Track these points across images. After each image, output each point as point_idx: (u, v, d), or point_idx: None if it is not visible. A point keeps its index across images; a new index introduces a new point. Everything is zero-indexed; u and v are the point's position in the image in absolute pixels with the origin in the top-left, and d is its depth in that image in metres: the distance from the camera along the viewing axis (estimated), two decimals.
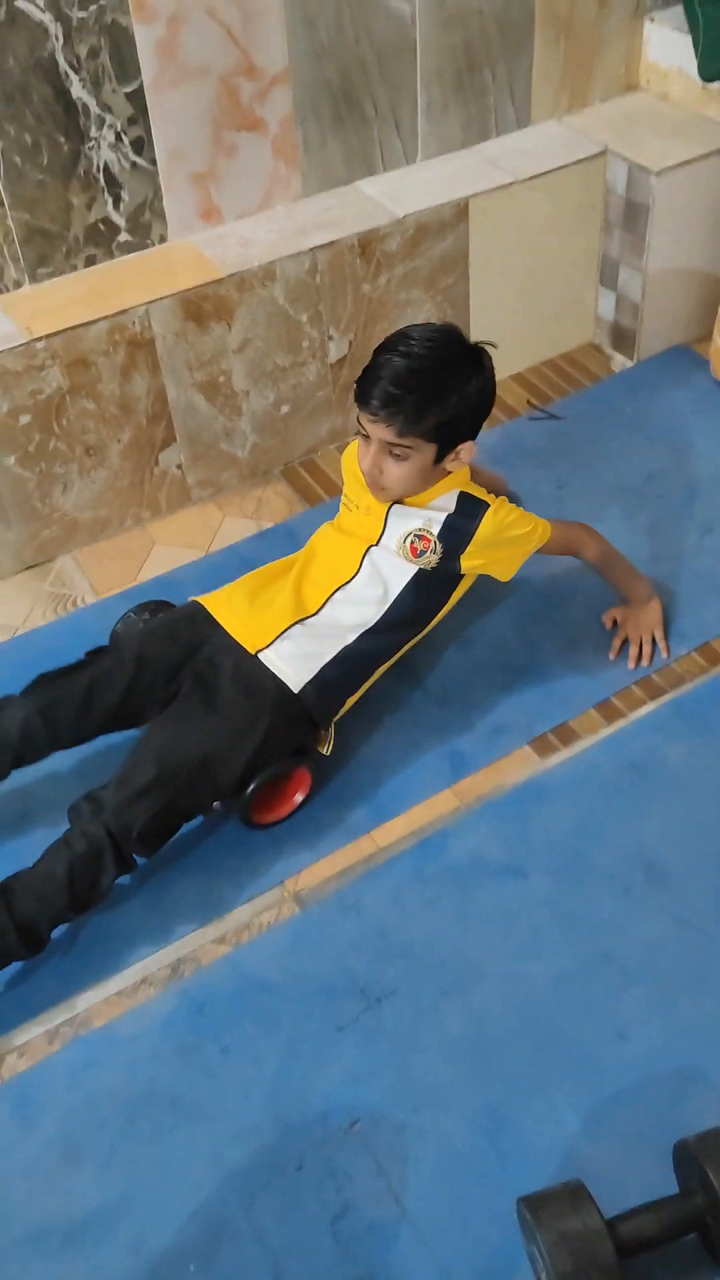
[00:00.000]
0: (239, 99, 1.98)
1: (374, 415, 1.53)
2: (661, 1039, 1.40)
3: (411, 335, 1.55)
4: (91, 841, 1.46)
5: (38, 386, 1.89)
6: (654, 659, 1.82)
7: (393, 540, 1.64)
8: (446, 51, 2.15)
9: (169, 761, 1.50)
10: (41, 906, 1.44)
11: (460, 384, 1.53)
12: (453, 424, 1.55)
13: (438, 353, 1.53)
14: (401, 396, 1.50)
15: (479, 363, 1.57)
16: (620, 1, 2.29)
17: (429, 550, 1.62)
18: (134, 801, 1.48)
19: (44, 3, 1.73)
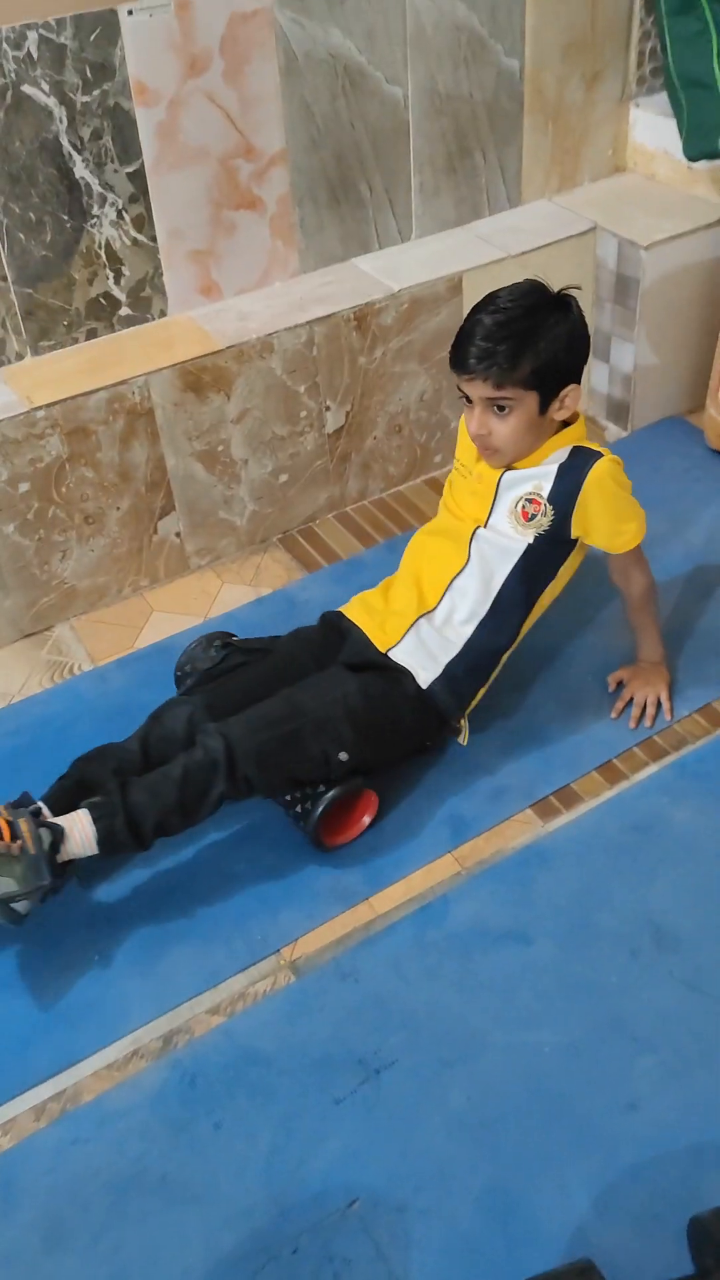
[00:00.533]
0: (237, 179, 2.04)
1: (470, 373, 1.56)
2: (675, 1111, 1.34)
3: (498, 294, 1.59)
4: (209, 751, 1.52)
5: (37, 455, 1.90)
6: (657, 721, 1.80)
7: (503, 510, 1.66)
8: (438, 136, 2.23)
9: (300, 703, 1.58)
10: (152, 799, 1.50)
11: (548, 328, 1.55)
12: (549, 368, 1.56)
13: (521, 302, 1.56)
14: (492, 349, 1.53)
15: (566, 307, 1.58)
16: (606, 88, 2.38)
17: (539, 513, 1.63)
18: (259, 728, 1.55)
19: (49, 87, 1.80)
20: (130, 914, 1.59)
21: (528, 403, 1.57)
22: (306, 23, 1.97)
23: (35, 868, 1.42)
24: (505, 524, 1.66)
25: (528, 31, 2.22)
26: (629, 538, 1.67)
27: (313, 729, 1.56)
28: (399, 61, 2.10)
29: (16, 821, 1.43)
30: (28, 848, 1.41)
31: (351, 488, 2.30)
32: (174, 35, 1.86)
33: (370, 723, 1.60)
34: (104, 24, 1.80)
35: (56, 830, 1.46)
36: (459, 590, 1.68)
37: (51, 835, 1.45)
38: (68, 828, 1.47)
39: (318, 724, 1.57)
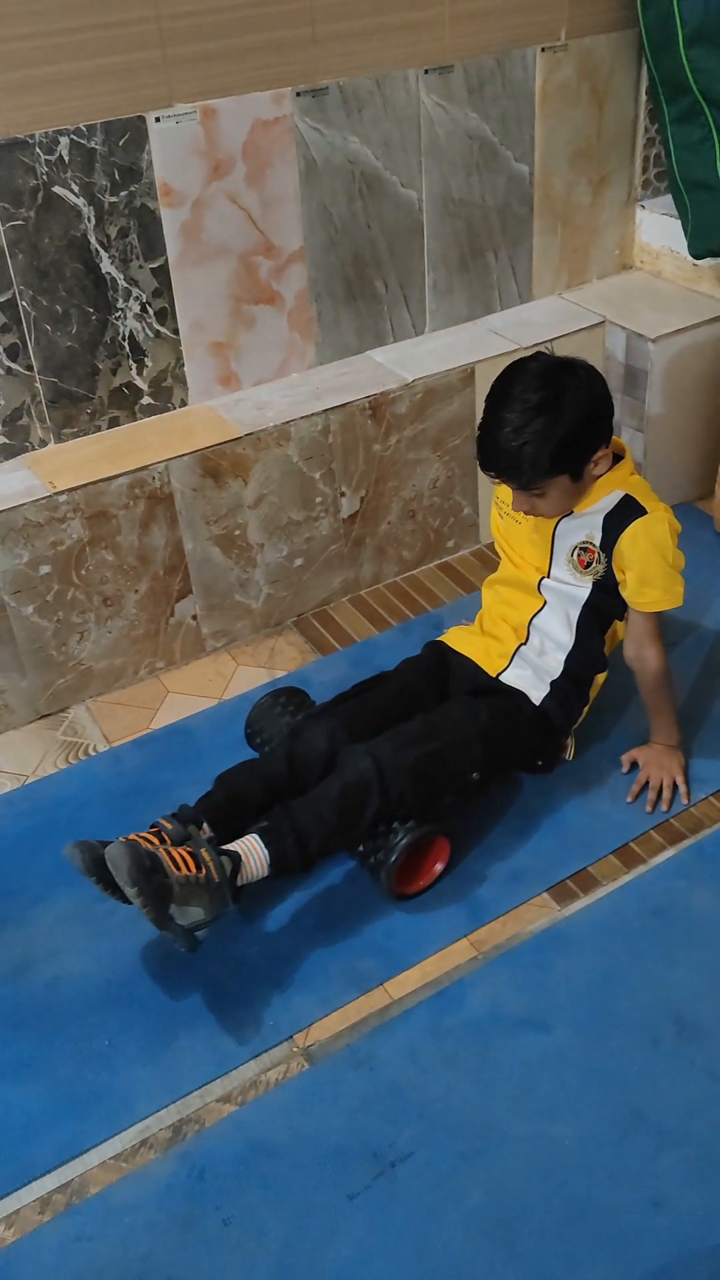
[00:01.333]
0: (257, 276, 2.11)
1: (496, 479, 1.64)
2: (701, 1209, 1.29)
3: (505, 389, 1.60)
4: (362, 772, 1.58)
5: (58, 538, 1.94)
6: (674, 803, 1.78)
7: (562, 560, 1.74)
8: (452, 236, 2.31)
9: (438, 724, 1.67)
10: (315, 821, 1.56)
11: (563, 419, 1.56)
12: (571, 451, 1.60)
13: (530, 400, 1.56)
14: (514, 459, 1.58)
15: (565, 385, 1.57)
16: (613, 191, 2.48)
17: (595, 561, 1.71)
18: (403, 746, 1.62)
19: (79, 188, 1.88)
20: (140, 999, 1.56)
21: (560, 482, 1.63)
22: (326, 130, 2.07)
23: (221, 895, 1.48)
24: (565, 573, 1.74)
25: (537, 140, 2.32)
26: (651, 601, 1.69)
27: (451, 748, 1.65)
28: (414, 167, 2.20)
29: (199, 851, 1.48)
30: (213, 876, 1.47)
31: (366, 572, 2.32)
32: (199, 141, 1.95)
33: (499, 740, 1.70)
34: (133, 130, 1.89)
35: (234, 857, 1.52)
36: (542, 627, 1.78)
37: (231, 863, 1.51)
38: (243, 854, 1.53)
39: (455, 744, 1.65)
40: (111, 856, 1.44)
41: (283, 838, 1.55)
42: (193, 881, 1.46)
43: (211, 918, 1.49)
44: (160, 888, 1.43)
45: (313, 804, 1.58)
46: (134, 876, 1.42)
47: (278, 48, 1.96)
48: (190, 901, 1.47)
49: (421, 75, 2.12)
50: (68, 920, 1.67)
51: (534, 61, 2.24)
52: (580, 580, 1.73)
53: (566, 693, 1.77)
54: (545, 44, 2.24)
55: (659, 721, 1.83)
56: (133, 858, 1.42)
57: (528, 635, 1.79)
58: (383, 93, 2.10)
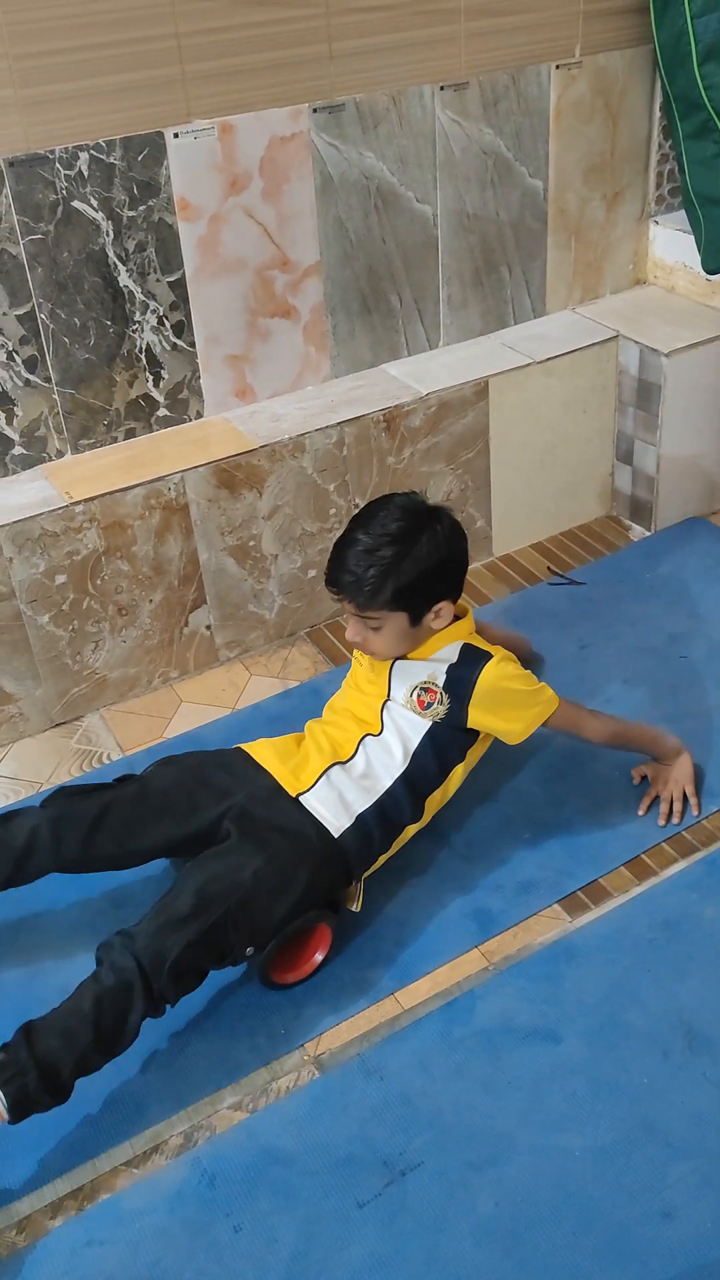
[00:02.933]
0: (273, 289, 2.13)
1: (334, 595, 1.61)
2: (712, 1221, 1.29)
3: (369, 514, 1.60)
4: (121, 974, 1.39)
5: (74, 548, 1.95)
6: (685, 815, 1.79)
7: (400, 695, 1.65)
8: (466, 251, 2.33)
9: (209, 894, 1.46)
10: (65, 1044, 1.34)
11: (407, 551, 1.56)
12: (414, 592, 1.57)
13: (385, 528, 1.57)
14: (357, 578, 1.56)
15: (426, 527, 1.58)
16: (627, 207, 2.49)
17: (436, 702, 1.63)
18: (169, 930, 1.42)
19: (98, 203, 1.90)
20: None
21: (397, 620, 1.59)
22: (342, 146, 2.09)
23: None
24: (404, 707, 1.65)
25: (551, 156, 2.34)
26: (533, 720, 1.66)
27: (224, 924, 1.45)
28: (429, 182, 2.22)
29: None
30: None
31: None
32: (216, 156, 1.97)
33: (282, 901, 1.50)
34: (151, 145, 1.91)
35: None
36: (374, 747, 1.64)
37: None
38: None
39: (228, 915, 1.45)
40: None
41: (24, 1074, 1.32)
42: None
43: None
44: None
45: (60, 1022, 1.36)
46: None
47: (295, 65, 1.98)
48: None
49: (437, 91, 2.15)
50: (80, 926, 1.68)
51: (549, 78, 2.26)
52: (420, 717, 1.64)
53: (370, 830, 1.60)
54: (560, 61, 2.26)
55: (644, 746, 1.82)
56: None
57: (354, 753, 1.64)
58: (398, 109, 2.12)
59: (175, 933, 1.42)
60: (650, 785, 1.83)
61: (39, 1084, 1.33)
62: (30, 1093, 1.33)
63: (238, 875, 1.49)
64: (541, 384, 2.33)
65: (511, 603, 2.32)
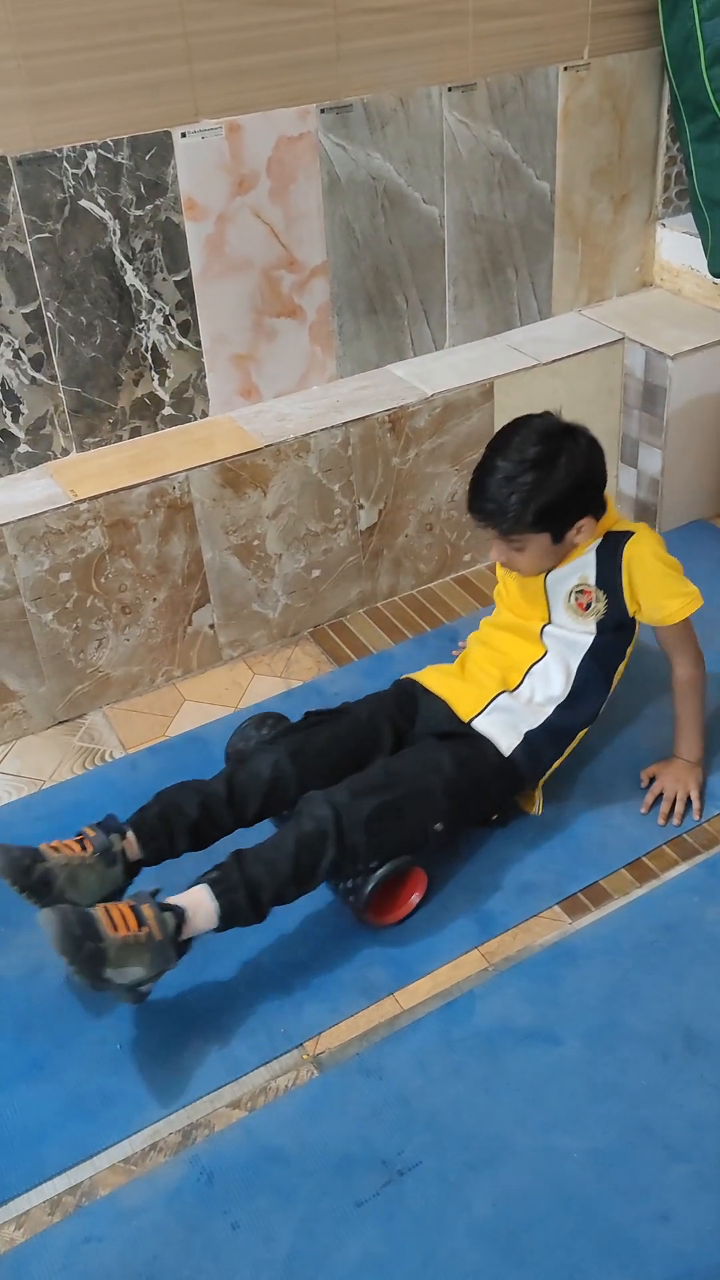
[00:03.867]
0: (279, 289, 2.14)
1: (480, 524, 1.65)
2: (709, 1223, 1.29)
3: (504, 440, 1.63)
4: (319, 822, 1.54)
5: (79, 546, 1.96)
6: (686, 819, 1.78)
7: (559, 605, 1.73)
8: (473, 253, 2.33)
9: (398, 772, 1.62)
10: (268, 872, 1.51)
11: (555, 479, 1.59)
12: (556, 512, 1.62)
13: (525, 453, 1.59)
14: (499, 506, 1.60)
15: (562, 448, 1.61)
16: (634, 209, 2.49)
17: (593, 601, 1.71)
18: (363, 795, 1.57)
19: (105, 202, 1.90)
20: (152, 1004, 1.57)
21: (540, 540, 1.64)
22: (349, 147, 2.09)
23: (162, 953, 1.44)
24: (566, 619, 1.73)
25: (558, 158, 2.34)
26: (672, 611, 1.70)
27: (412, 798, 1.60)
28: (436, 184, 2.22)
29: (140, 908, 1.45)
30: (154, 935, 1.43)
31: (383, 584, 2.34)
32: (224, 156, 1.97)
33: (462, 791, 1.65)
34: (159, 145, 1.91)
35: (179, 913, 1.47)
36: (539, 675, 1.75)
37: (175, 919, 1.46)
38: (190, 908, 1.49)
39: (416, 794, 1.61)
40: (42, 919, 1.41)
41: (233, 890, 1.50)
42: (131, 942, 1.41)
43: (152, 976, 1.44)
44: (92, 955, 1.39)
45: (266, 854, 1.53)
46: (64, 945, 1.38)
47: (303, 65, 1.99)
48: (128, 962, 1.41)
49: (445, 93, 2.15)
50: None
51: (556, 80, 2.26)
52: (583, 624, 1.72)
53: (539, 746, 1.72)
54: (568, 63, 2.26)
55: (683, 734, 1.83)
56: (62, 926, 1.39)
57: (520, 682, 1.75)
58: (406, 110, 2.12)
59: (368, 797, 1.58)
60: (655, 783, 1.83)
61: (247, 901, 1.50)
62: (238, 906, 1.50)
63: (423, 761, 1.65)
64: (547, 386, 2.33)
65: None
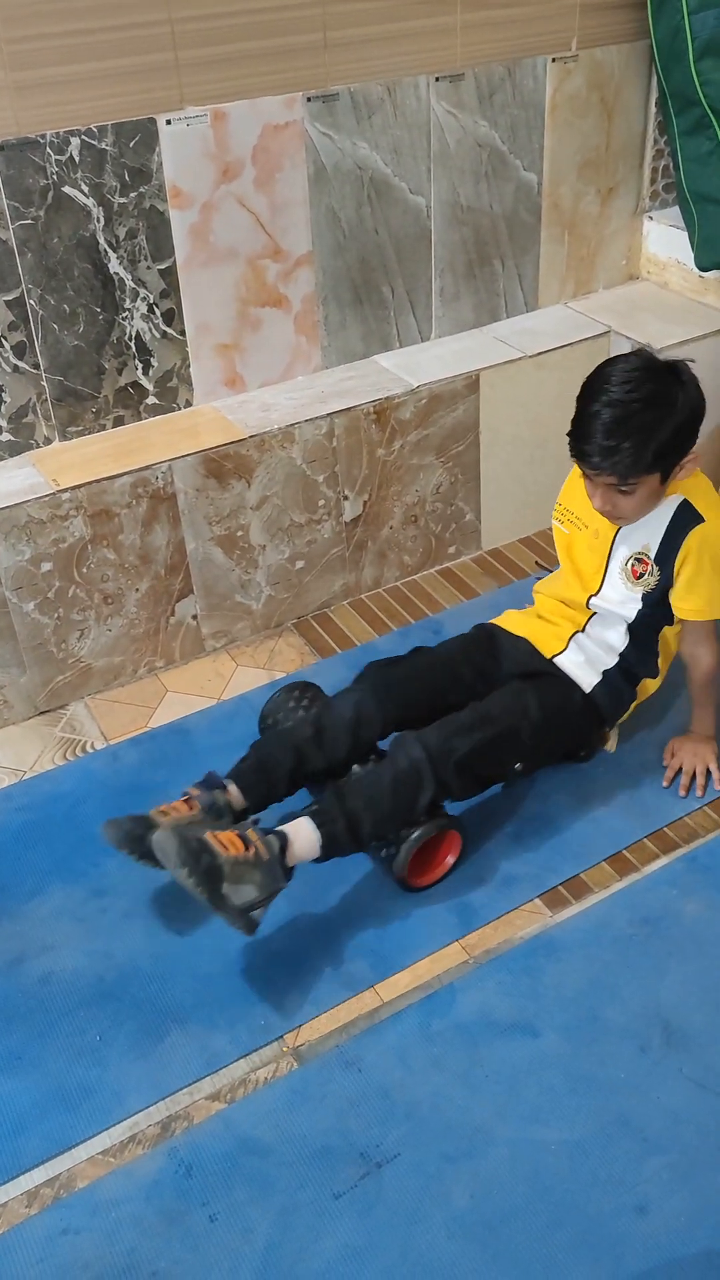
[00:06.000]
0: (265, 279, 2.12)
1: (595, 468, 1.60)
2: (685, 1215, 1.30)
3: (610, 379, 1.58)
4: (413, 761, 1.59)
5: (61, 535, 1.95)
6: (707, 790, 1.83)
7: (615, 571, 1.76)
8: (459, 244, 2.32)
9: (488, 714, 1.67)
10: (368, 806, 1.56)
11: (666, 414, 1.57)
12: (670, 451, 1.60)
13: (639, 391, 1.56)
14: (615, 447, 1.56)
15: (679, 382, 1.59)
16: (621, 202, 2.49)
17: (647, 573, 1.73)
18: (454, 735, 1.63)
19: (89, 189, 1.89)
20: (132, 995, 1.57)
21: (651, 482, 1.62)
22: (336, 136, 2.08)
23: (271, 872, 1.49)
24: (619, 585, 1.76)
25: (546, 150, 2.33)
26: (692, 609, 1.73)
27: (499, 739, 1.66)
28: (423, 174, 2.21)
29: (245, 833, 1.49)
30: (261, 854, 1.48)
31: (367, 576, 2.33)
32: (209, 144, 1.96)
33: (547, 732, 1.71)
34: (143, 132, 1.90)
35: (282, 836, 1.53)
36: (597, 624, 1.79)
37: (280, 841, 1.52)
38: (291, 834, 1.54)
39: (503, 734, 1.66)
40: (158, 843, 1.47)
41: (334, 821, 1.56)
42: (242, 861, 1.47)
43: (265, 896, 1.49)
44: (210, 869, 1.45)
45: (365, 788, 1.59)
46: (183, 858, 1.44)
47: (289, 53, 1.97)
48: (243, 880, 1.47)
49: (432, 82, 2.14)
50: (61, 916, 1.68)
51: (544, 71, 2.25)
52: (631, 592, 1.74)
53: (618, 685, 1.79)
54: (556, 54, 2.25)
55: (700, 713, 1.88)
56: (180, 840, 1.45)
57: (588, 620, 1.81)
58: (393, 99, 2.11)
59: (460, 737, 1.63)
60: (674, 758, 1.86)
61: (346, 832, 1.56)
62: (338, 836, 1.56)
63: (510, 704, 1.69)
64: (533, 378, 2.33)
65: (499, 596, 2.31)
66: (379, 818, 1.58)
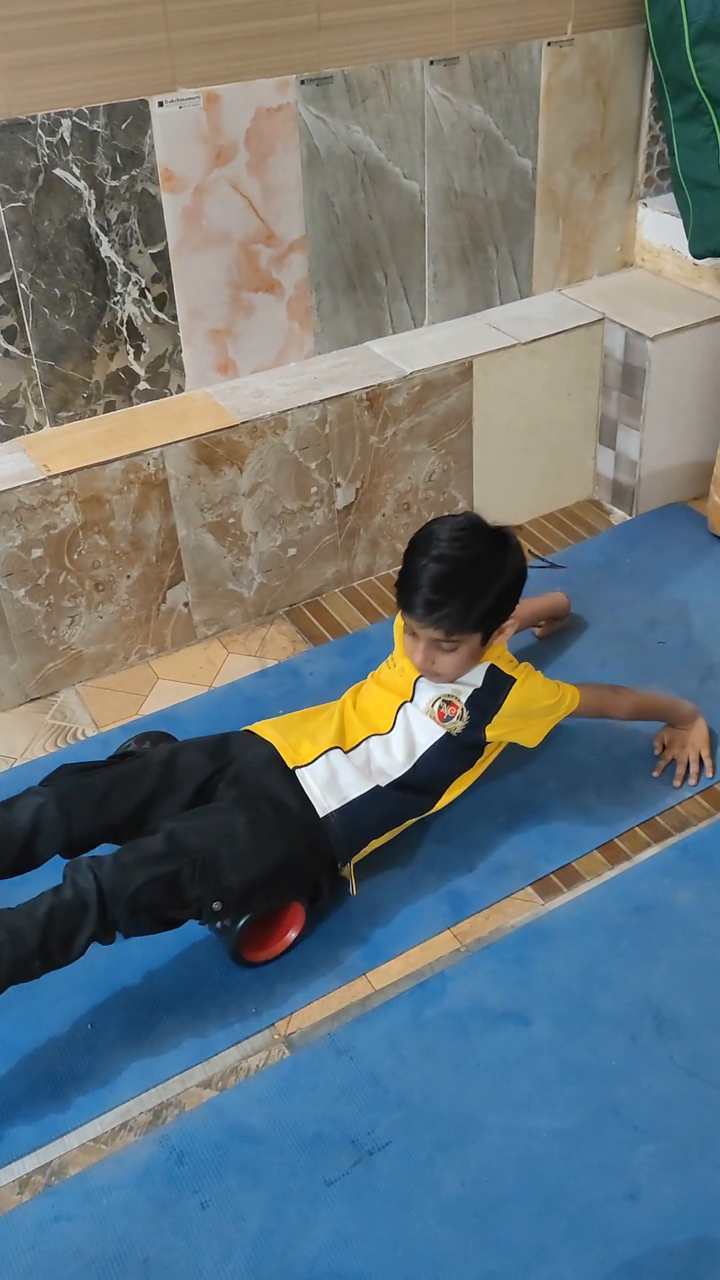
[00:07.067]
0: (257, 264, 2.11)
1: (421, 621, 1.56)
2: (675, 1203, 1.31)
3: (439, 536, 1.57)
4: (80, 892, 1.40)
5: (51, 521, 1.93)
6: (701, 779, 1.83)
7: (422, 702, 1.66)
8: (453, 229, 2.31)
9: (183, 842, 1.47)
10: (10, 940, 1.36)
11: (495, 573, 1.57)
12: (494, 612, 1.58)
13: (469, 549, 1.56)
14: (444, 601, 1.54)
15: (507, 545, 1.59)
16: (615, 188, 2.48)
17: (455, 716, 1.64)
18: (136, 866, 1.43)
19: (80, 171, 1.87)
20: (123, 983, 1.57)
21: (473, 641, 1.59)
22: (329, 119, 2.06)
23: None
24: (424, 710, 1.65)
25: (540, 135, 2.32)
26: (551, 724, 1.71)
27: (192, 873, 1.45)
28: (417, 159, 2.19)
29: None
30: None
31: (359, 563, 2.33)
32: (202, 127, 1.94)
33: (254, 866, 1.49)
34: (135, 114, 1.88)
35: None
36: (377, 747, 1.65)
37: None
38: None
39: (199, 867, 1.46)
40: None
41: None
42: None
43: None
44: None
45: (11, 920, 1.38)
46: None
47: (283, 35, 1.95)
48: None
49: (427, 66, 2.12)
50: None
51: (540, 55, 2.24)
52: (435, 727, 1.64)
53: (359, 815, 1.60)
54: (551, 38, 2.24)
55: (660, 713, 1.87)
56: None
57: (356, 746, 1.64)
58: (387, 83, 2.09)
59: (140, 868, 1.43)
60: (666, 749, 1.86)
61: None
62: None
63: (213, 830, 1.50)
64: (526, 365, 2.32)
65: None
66: (24, 953, 1.36)
